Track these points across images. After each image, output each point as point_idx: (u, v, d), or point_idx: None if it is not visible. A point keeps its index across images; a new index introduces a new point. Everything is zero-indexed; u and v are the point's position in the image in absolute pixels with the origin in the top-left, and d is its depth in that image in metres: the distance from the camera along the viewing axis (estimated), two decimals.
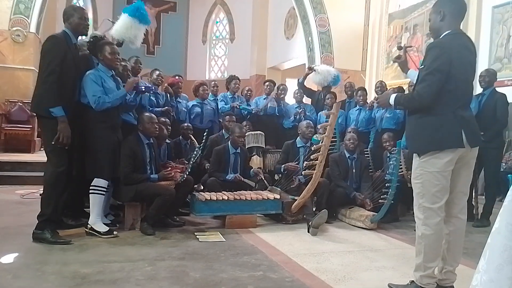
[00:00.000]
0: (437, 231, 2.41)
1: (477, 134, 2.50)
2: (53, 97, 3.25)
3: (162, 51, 14.55)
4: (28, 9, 8.13)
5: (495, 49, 7.42)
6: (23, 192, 5.38)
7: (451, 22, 2.48)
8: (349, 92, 6.32)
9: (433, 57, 2.40)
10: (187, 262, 3.00)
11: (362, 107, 5.81)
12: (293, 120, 5.95)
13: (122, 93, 3.67)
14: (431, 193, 2.41)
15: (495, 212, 1.86)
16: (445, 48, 2.40)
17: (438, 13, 2.51)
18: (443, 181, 2.40)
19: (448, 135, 2.39)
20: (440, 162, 2.38)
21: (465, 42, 2.49)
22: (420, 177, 2.46)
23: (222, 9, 14.81)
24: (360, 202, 4.49)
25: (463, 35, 2.52)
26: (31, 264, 2.82)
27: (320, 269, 2.99)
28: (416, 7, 9.32)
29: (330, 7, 9.99)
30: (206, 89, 5.66)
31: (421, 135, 2.47)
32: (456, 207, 2.52)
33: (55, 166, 3.33)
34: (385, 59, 10.11)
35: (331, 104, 5.89)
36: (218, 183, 4.44)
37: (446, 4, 2.50)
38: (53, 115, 3.26)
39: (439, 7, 2.52)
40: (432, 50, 2.43)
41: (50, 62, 3.27)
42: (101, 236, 3.50)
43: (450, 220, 2.51)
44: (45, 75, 3.27)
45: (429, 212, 2.42)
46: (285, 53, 12.34)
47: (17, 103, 7.99)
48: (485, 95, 4.68)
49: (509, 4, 7.18)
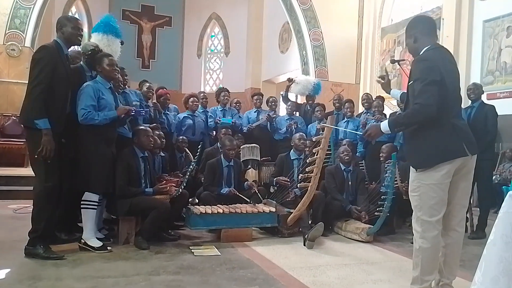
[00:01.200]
0: (434, 245, 2.41)
1: (474, 142, 2.50)
2: (38, 109, 3.17)
3: (158, 65, 14.63)
4: (24, 24, 8.18)
5: (486, 62, 7.52)
6: (16, 207, 5.33)
7: (425, 40, 2.56)
8: (337, 104, 6.35)
9: (423, 69, 2.40)
10: (182, 277, 2.97)
11: (350, 119, 5.87)
12: (285, 132, 5.97)
13: (112, 115, 3.58)
14: (428, 206, 2.40)
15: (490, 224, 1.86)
16: (433, 60, 2.43)
17: (411, 37, 2.60)
18: (441, 193, 2.39)
19: (451, 145, 2.39)
20: (437, 175, 2.38)
21: (445, 54, 2.55)
22: (417, 189, 2.45)
23: (217, 23, 14.95)
24: (356, 216, 4.48)
25: (442, 48, 2.58)
26: (24, 280, 2.77)
27: (317, 282, 2.97)
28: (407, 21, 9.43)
29: (323, 21, 10.12)
30: (196, 101, 5.66)
31: (424, 148, 2.44)
32: (454, 220, 2.51)
33: (43, 181, 3.24)
34: (378, 72, 10.21)
35: (321, 117, 5.94)
36: (213, 196, 4.42)
37: (415, 27, 2.60)
38: (37, 127, 3.17)
39: (409, 31, 2.63)
40: (419, 63, 2.45)
41: (39, 73, 3.18)
42: (94, 251, 3.46)
43: (448, 233, 2.51)
44: (32, 86, 3.20)
45: (426, 225, 2.41)
46: (280, 66, 12.44)
47: (11, 117, 7.97)
48: (474, 107, 4.79)
49: (500, 18, 7.31)
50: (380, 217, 4.16)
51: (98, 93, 3.54)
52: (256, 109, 6.29)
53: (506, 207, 1.52)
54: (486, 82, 7.37)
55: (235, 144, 4.82)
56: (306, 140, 5.01)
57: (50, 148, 3.18)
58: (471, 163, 2.49)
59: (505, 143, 7.03)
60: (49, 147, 3.18)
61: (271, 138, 6.13)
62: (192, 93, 6.02)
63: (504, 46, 7.25)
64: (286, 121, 6.10)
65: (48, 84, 3.20)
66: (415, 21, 2.67)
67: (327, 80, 10.07)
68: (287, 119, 6.16)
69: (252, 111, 6.30)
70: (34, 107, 3.18)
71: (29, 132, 3.28)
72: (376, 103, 5.73)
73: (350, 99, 6.17)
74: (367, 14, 10.50)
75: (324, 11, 10.12)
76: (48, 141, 3.17)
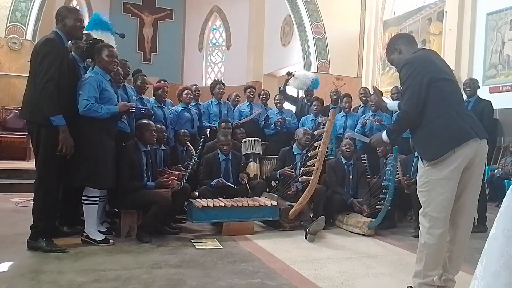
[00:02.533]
0: (439, 242, 2.40)
1: (481, 126, 2.49)
2: (53, 105, 3.10)
3: (159, 59, 14.60)
4: (25, 17, 8.16)
5: (489, 55, 7.49)
6: (18, 200, 5.35)
7: (409, 49, 2.67)
8: (334, 97, 6.34)
9: (406, 73, 2.49)
10: (184, 270, 2.98)
11: (348, 113, 5.86)
12: (273, 128, 5.96)
13: (114, 110, 3.50)
14: (437, 202, 2.39)
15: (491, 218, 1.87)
16: (415, 60, 2.50)
17: (395, 51, 2.72)
18: (449, 189, 2.37)
19: (458, 130, 2.38)
20: (446, 170, 2.36)
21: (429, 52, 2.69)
22: (426, 185, 2.44)
23: (218, 16, 14.89)
24: (358, 209, 4.49)
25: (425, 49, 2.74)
26: (26, 273, 2.79)
27: (318, 276, 2.98)
28: (410, 14, 9.41)
29: (326, 14, 10.07)
30: (190, 93, 5.60)
31: (432, 139, 2.43)
32: (462, 217, 2.49)
33: (42, 177, 3.22)
34: (380, 66, 10.19)
35: (316, 112, 5.92)
36: (210, 190, 4.42)
37: (396, 41, 2.75)
38: (53, 124, 3.12)
39: (392, 46, 2.75)
40: (403, 68, 2.53)
41: (49, 68, 3.09)
42: (97, 245, 3.47)
43: (455, 229, 2.49)
44: (44, 81, 3.09)
45: (434, 222, 2.39)
46: (282, 60, 12.40)
47: (12, 110, 7.98)
48: (470, 102, 4.79)
49: (503, 11, 7.26)
50: (381, 210, 4.17)
51: (101, 84, 3.44)
52: (248, 102, 6.23)
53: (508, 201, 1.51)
54: (489, 76, 7.34)
55: (230, 139, 4.79)
56: (310, 135, 4.99)
57: (69, 144, 3.16)
58: (481, 152, 2.45)
59: (507, 136, 7.02)
60: (69, 143, 3.16)
61: (262, 132, 6.08)
62: (185, 85, 5.97)
63: (507, 39, 7.21)
64: (276, 115, 6.07)
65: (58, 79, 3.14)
66: (394, 37, 2.85)
67: (329, 74, 10.05)
68: (277, 113, 6.13)
69: (245, 105, 6.22)
70: (49, 104, 3.10)
71: (39, 129, 3.20)
72: (373, 97, 5.70)
73: (348, 94, 6.15)
74: (369, 7, 10.44)
75: (326, 4, 10.07)
76: (66, 137, 3.15)
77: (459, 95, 2.57)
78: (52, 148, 3.16)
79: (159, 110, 5.11)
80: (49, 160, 3.19)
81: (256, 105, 6.23)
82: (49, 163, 3.21)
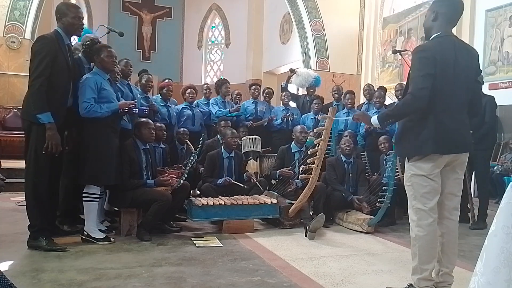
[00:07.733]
0: (430, 232, 2.42)
1: (461, 141, 2.44)
2: (40, 102, 3.08)
3: (158, 57, 14.58)
4: (23, 16, 8.14)
5: (489, 52, 7.48)
6: (18, 199, 5.34)
7: (442, 24, 2.47)
8: (336, 95, 6.32)
9: (420, 60, 2.39)
10: (184, 268, 2.98)
11: (350, 110, 5.83)
12: (280, 123, 5.95)
13: (114, 107, 3.52)
14: (420, 195, 2.44)
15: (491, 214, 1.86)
16: (430, 50, 2.40)
17: (432, 13, 2.51)
18: (431, 182, 2.42)
19: (426, 140, 2.38)
20: (426, 166, 2.41)
21: (454, 45, 2.45)
22: (410, 179, 2.50)
23: (217, 14, 14.86)
24: (357, 206, 4.49)
25: (452, 37, 2.50)
26: (27, 272, 2.79)
27: (318, 273, 2.98)
28: (409, 11, 9.40)
29: (325, 11, 10.05)
30: (193, 92, 5.62)
31: (405, 139, 2.51)
32: (446, 209, 2.53)
33: (32, 176, 3.19)
34: (380, 63, 10.17)
35: (317, 109, 5.92)
36: (213, 188, 4.42)
37: (441, 6, 2.48)
38: (40, 122, 3.10)
39: (434, 7, 2.52)
40: (418, 53, 2.44)
41: (38, 65, 3.09)
42: (97, 243, 3.48)
43: (442, 221, 2.53)
44: (32, 78, 3.10)
45: (421, 214, 2.44)
46: (281, 57, 12.38)
47: (12, 109, 7.98)
48: None
49: (502, 7, 7.25)
50: (381, 208, 4.17)
51: (100, 84, 3.47)
52: (253, 99, 6.25)
53: (508, 197, 1.52)
54: (488, 72, 7.33)
55: (236, 133, 4.82)
56: (307, 132, 5.00)
57: (55, 142, 3.13)
58: (462, 157, 2.49)
59: (506, 133, 7.02)
60: (55, 141, 3.13)
61: (266, 129, 6.07)
62: (189, 84, 5.98)
63: (506, 36, 7.20)
64: (282, 111, 6.06)
65: (48, 76, 3.12)
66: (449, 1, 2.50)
67: (328, 71, 10.04)
68: (283, 109, 6.13)
69: (249, 102, 6.23)
70: (35, 100, 3.10)
71: (30, 126, 3.19)
72: (378, 93, 5.70)
73: (351, 90, 6.13)
74: (368, 4, 10.42)
75: (325, 2, 10.05)
76: (52, 135, 3.12)
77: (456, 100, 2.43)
78: (42, 146, 3.14)
79: (164, 108, 5.14)
80: (39, 158, 3.16)
81: (260, 103, 6.23)
82: (39, 161, 3.17)
